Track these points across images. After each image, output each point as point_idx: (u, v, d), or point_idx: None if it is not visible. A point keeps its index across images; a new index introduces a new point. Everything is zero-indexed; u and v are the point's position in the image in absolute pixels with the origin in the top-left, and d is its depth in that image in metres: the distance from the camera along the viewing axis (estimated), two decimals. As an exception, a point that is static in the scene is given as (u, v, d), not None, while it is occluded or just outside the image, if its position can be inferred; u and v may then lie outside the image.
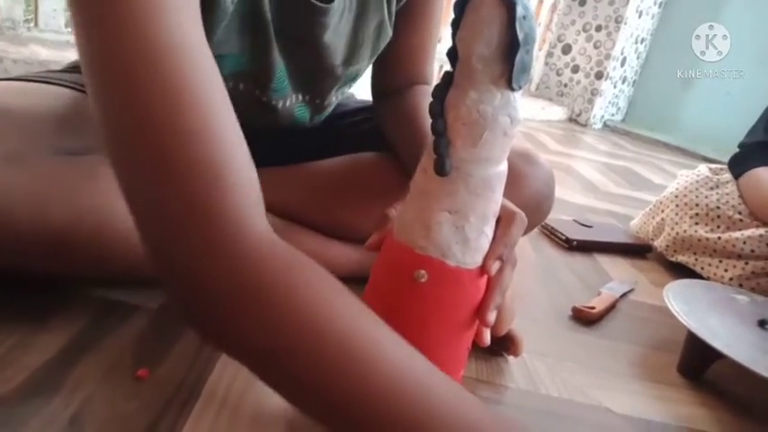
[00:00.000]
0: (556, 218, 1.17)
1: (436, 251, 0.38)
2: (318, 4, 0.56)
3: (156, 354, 0.50)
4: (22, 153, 0.46)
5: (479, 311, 0.40)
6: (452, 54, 0.38)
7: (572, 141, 2.73)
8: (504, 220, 0.42)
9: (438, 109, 0.39)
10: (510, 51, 0.35)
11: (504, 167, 0.39)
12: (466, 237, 0.38)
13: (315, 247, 0.66)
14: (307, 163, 0.71)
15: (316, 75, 0.64)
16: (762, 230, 0.96)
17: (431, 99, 0.39)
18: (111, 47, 0.30)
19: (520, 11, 0.34)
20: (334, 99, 0.70)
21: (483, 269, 0.39)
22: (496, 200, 0.39)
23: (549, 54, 3.57)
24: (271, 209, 0.69)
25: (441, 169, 0.38)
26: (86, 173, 0.48)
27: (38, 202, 0.46)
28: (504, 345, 0.59)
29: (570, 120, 3.50)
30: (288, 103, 0.64)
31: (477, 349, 0.54)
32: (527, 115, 3.11)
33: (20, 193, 0.45)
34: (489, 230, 0.40)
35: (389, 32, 0.67)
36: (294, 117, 0.67)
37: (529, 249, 1.02)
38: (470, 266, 0.39)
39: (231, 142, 0.32)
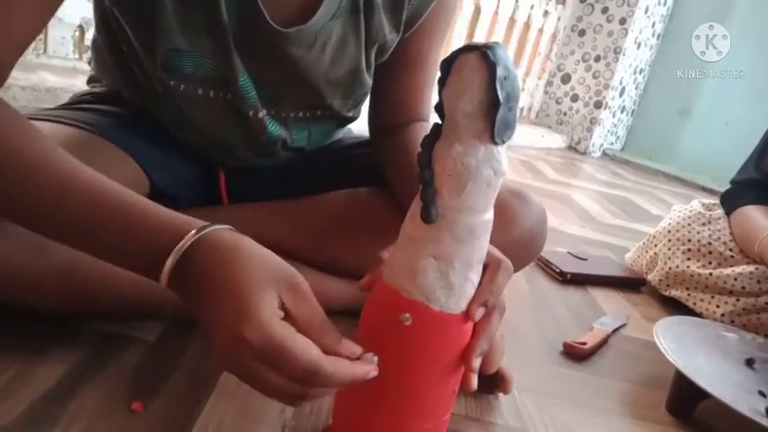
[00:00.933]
0: (551, 250, 1.18)
1: (421, 295, 0.40)
2: (278, 28, 0.57)
3: (151, 387, 0.51)
4: None
5: (464, 356, 0.42)
6: (440, 108, 0.40)
7: (571, 170, 2.76)
8: (490, 268, 0.43)
9: (426, 159, 0.41)
10: (492, 109, 0.37)
11: (489, 216, 0.41)
12: (450, 282, 0.40)
13: (309, 282, 0.67)
14: (303, 198, 0.73)
15: (280, 91, 0.65)
16: (752, 267, 0.97)
17: (420, 147, 0.41)
18: None
19: (500, 72, 0.37)
20: (300, 114, 0.69)
21: (467, 315, 0.41)
22: (481, 247, 0.41)
23: (549, 83, 3.63)
24: (266, 243, 0.71)
25: (427, 217, 0.39)
26: None
27: (37, 243, 0.48)
28: (493, 382, 0.60)
29: (569, 148, 3.54)
30: (260, 115, 0.65)
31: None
32: (527, 143, 3.15)
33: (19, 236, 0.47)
34: (475, 277, 0.41)
35: (368, 81, 0.68)
36: (268, 131, 0.67)
37: (522, 282, 1.03)
38: (455, 312, 0.41)
39: None
